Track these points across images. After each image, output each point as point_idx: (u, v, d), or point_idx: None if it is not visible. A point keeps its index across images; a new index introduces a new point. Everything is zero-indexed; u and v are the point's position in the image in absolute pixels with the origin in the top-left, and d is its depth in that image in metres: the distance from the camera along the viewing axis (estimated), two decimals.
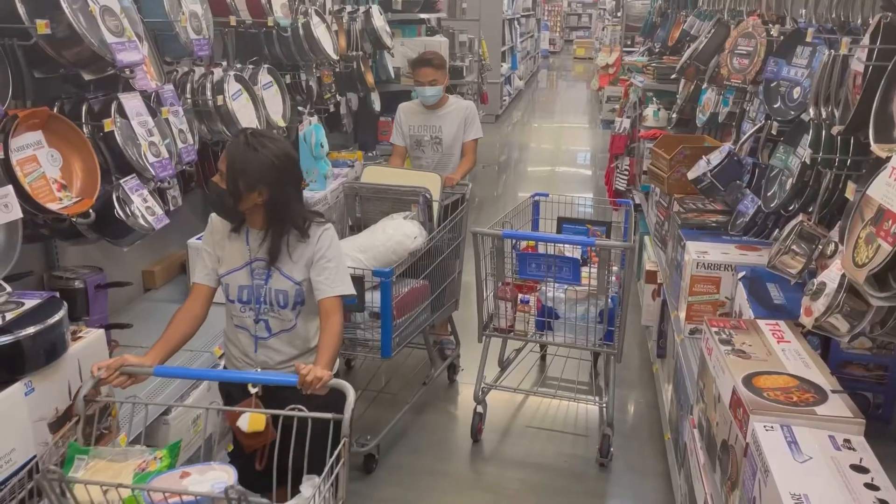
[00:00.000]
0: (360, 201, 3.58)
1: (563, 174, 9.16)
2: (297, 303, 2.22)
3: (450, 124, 4.06)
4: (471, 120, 4.09)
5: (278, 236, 2.18)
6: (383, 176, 3.72)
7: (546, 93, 17.71)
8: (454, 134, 4.05)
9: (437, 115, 4.06)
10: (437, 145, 4.07)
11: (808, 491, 1.37)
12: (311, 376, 1.88)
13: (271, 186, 2.12)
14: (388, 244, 3.20)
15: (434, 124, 4.06)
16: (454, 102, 4.15)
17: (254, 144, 2.10)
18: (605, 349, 3.25)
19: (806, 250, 2.11)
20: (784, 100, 2.59)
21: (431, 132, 4.07)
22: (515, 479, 3.16)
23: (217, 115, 3.23)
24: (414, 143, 4.09)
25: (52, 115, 2.30)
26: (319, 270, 2.20)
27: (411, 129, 4.09)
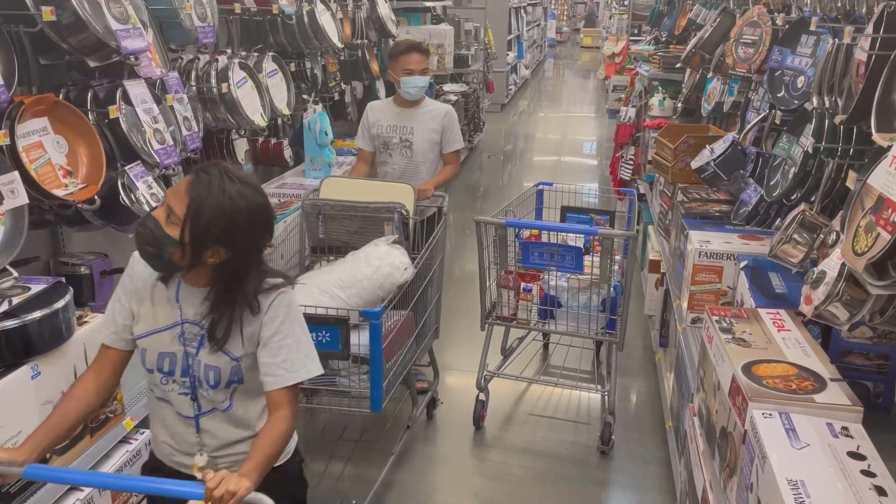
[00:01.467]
0: (323, 220, 3.12)
1: (568, 164, 9.15)
2: (232, 381, 1.71)
3: (423, 127, 3.59)
4: (450, 127, 3.61)
5: (229, 312, 1.67)
6: (345, 189, 3.22)
7: (552, 82, 17.65)
8: (427, 138, 3.59)
9: (411, 114, 3.59)
10: (406, 149, 3.60)
11: (805, 477, 1.38)
12: (220, 490, 1.41)
13: (236, 249, 1.63)
14: (374, 278, 2.79)
15: (405, 125, 3.59)
16: (431, 104, 3.69)
17: (230, 191, 1.59)
18: (608, 338, 3.26)
19: (807, 239, 2.11)
20: (788, 89, 2.59)
21: (402, 133, 3.59)
22: (517, 466, 3.18)
23: (222, 102, 3.24)
24: (381, 144, 3.64)
25: (58, 101, 2.32)
26: (273, 350, 1.67)
27: (379, 128, 3.61)
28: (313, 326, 2.20)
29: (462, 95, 8.24)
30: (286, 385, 1.67)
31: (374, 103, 3.77)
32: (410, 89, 3.51)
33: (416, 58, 3.51)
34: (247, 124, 3.40)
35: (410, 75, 3.49)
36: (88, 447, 2.11)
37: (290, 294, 1.73)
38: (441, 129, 3.59)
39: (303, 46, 4.16)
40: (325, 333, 2.50)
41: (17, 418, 1.83)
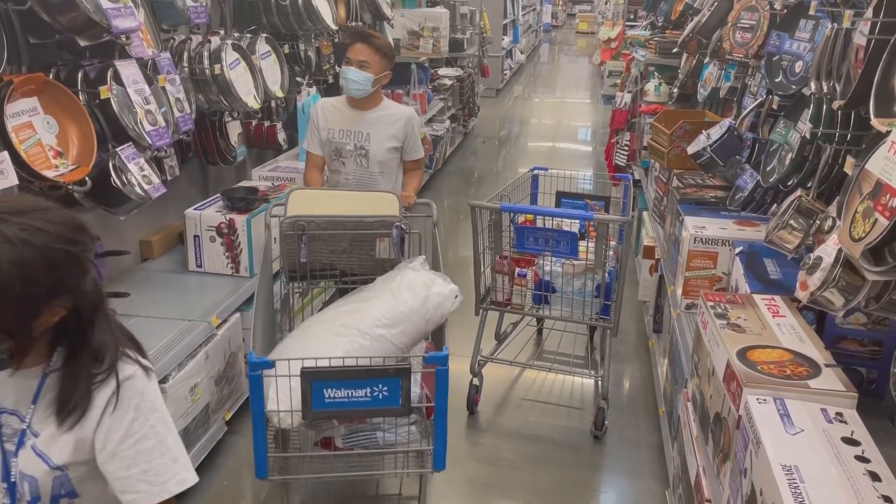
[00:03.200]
0: (305, 241, 2.61)
1: (563, 150, 9.13)
2: (58, 496, 1.31)
3: (381, 133, 3.18)
4: (411, 134, 3.25)
5: (74, 385, 1.27)
6: (318, 202, 2.78)
7: (547, 67, 17.58)
8: (384, 146, 3.19)
9: (366, 118, 3.18)
10: (361, 158, 3.20)
11: (799, 462, 1.38)
12: None
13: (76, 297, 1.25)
14: (422, 311, 2.38)
15: (360, 130, 3.17)
16: (391, 107, 3.27)
17: (9, 234, 1.15)
18: (602, 323, 3.26)
19: (803, 225, 2.10)
20: (786, 74, 2.57)
21: (356, 139, 3.18)
22: (511, 451, 3.18)
23: (214, 84, 3.21)
24: (333, 151, 3.23)
25: (48, 81, 2.29)
26: (127, 461, 1.27)
27: (331, 132, 3.20)
28: (369, 381, 2.09)
29: (457, 80, 8.19)
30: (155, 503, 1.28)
31: (324, 102, 3.29)
32: (345, 81, 3.10)
33: (357, 48, 3.10)
34: (240, 106, 3.37)
35: (347, 65, 3.10)
36: None
37: (141, 379, 1.31)
38: (402, 137, 3.22)
39: (296, 28, 4.12)
40: (383, 387, 2.12)
41: None
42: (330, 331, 2.11)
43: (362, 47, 3.09)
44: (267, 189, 3.61)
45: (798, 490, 1.30)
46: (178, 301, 2.97)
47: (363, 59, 3.06)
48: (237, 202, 3.30)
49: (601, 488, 2.98)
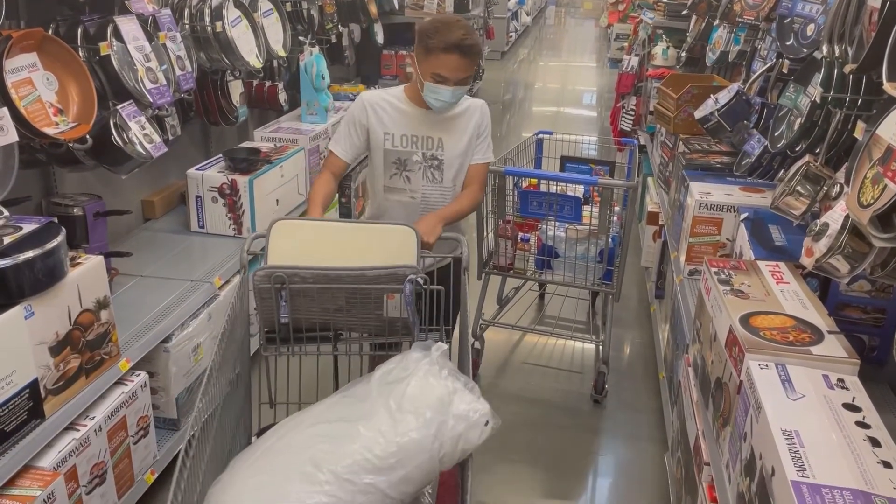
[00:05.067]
0: (285, 297, 1.90)
1: (567, 115, 9.04)
2: None
3: (457, 136, 2.50)
4: (485, 129, 2.58)
5: None
6: (309, 237, 2.06)
7: (553, 30, 17.33)
8: (463, 152, 2.52)
9: (437, 119, 2.48)
10: (433, 171, 2.51)
11: (800, 427, 1.38)
12: None
13: None
14: (434, 447, 1.60)
15: (431, 135, 2.48)
16: (463, 101, 2.52)
17: None
18: (604, 289, 3.26)
19: (810, 191, 2.08)
20: (797, 37, 2.53)
21: (426, 147, 2.48)
22: (511, 413, 3.21)
23: (216, 42, 3.16)
24: (394, 163, 2.51)
25: (47, 36, 2.25)
26: None
27: (389, 139, 2.48)
28: None
29: None
30: None
31: (374, 97, 2.51)
32: (434, 101, 2.39)
33: (455, 63, 2.31)
34: (242, 65, 3.32)
35: (440, 83, 2.33)
36: (84, 388, 2.11)
37: None
38: (476, 132, 2.54)
39: None
40: None
41: (10, 357, 1.83)
42: (294, 469, 1.46)
43: (463, 62, 2.31)
44: (269, 150, 3.58)
45: (798, 454, 1.31)
46: (180, 261, 2.97)
47: (464, 77, 2.35)
48: (239, 163, 3.28)
49: (600, 451, 3.01)
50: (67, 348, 2.02)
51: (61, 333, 1.99)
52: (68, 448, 2.03)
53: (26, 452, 1.90)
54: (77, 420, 2.11)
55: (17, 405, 1.87)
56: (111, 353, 2.22)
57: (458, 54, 2.29)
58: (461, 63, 2.30)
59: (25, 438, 1.91)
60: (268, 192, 3.30)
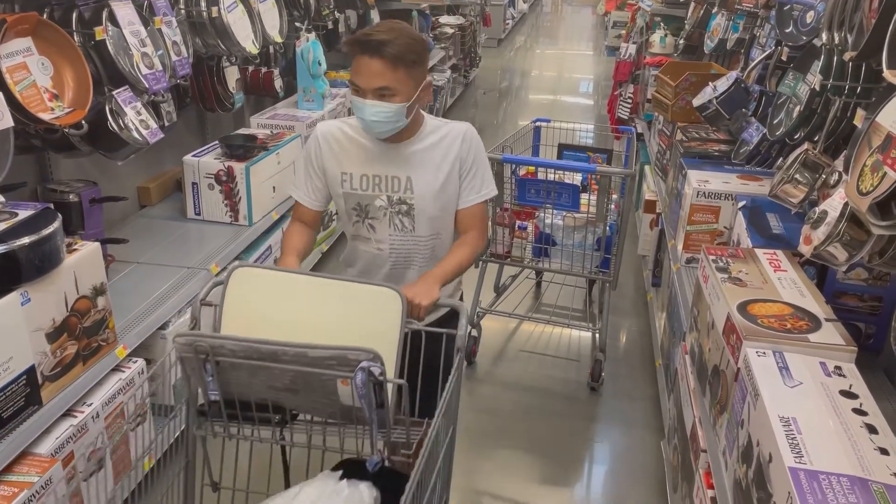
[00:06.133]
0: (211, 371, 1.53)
1: (564, 103, 9.02)
2: None
3: (430, 173, 1.99)
4: (472, 161, 2.02)
5: None
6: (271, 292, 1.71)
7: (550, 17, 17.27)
8: (438, 195, 2.00)
9: (404, 153, 1.99)
10: (402, 218, 2.01)
11: (797, 414, 1.39)
12: None
13: None
14: None
15: (396, 174, 1.98)
16: (438, 127, 2.02)
17: None
18: (601, 277, 3.26)
19: (809, 179, 2.08)
20: (797, 24, 2.52)
21: (391, 188, 2.00)
22: (508, 401, 3.22)
23: (212, 27, 3.14)
24: (353, 209, 2.04)
25: (42, 20, 2.23)
26: None
27: (347, 179, 2.01)
28: None
29: (458, 28, 8.04)
30: None
31: (330, 128, 2.04)
32: (362, 121, 1.89)
33: (364, 66, 1.82)
34: (238, 51, 3.30)
35: (358, 95, 1.85)
36: (81, 375, 2.11)
37: None
38: (460, 169, 2.01)
39: None
40: None
41: (7, 344, 1.82)
42: None
43: (374, 66, 1.80)
44: (265, 137, 3.57)
45: (795, 441, 1.31)
46: (177, 248, 2.96)
47: (382, 86, 1.82)
48: (236, 149, 3.26)
49: (596, 438, 3.02)
50: (64, 335, 2.02)
51: (58, 320, 1.99)
52: (66, 434, 2.03)
53: (24, 439, 1.90)
54: (74, 406, 2.10)
55: (15, 392, 1.87)
56: (108, 339, 2.21)
57: (362, 53, 1.79)
58: (371, 66, 1.79)
59: (23, 425, 1.91)
60: (264, 179, 3.29)
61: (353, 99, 1.87)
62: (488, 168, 2.08)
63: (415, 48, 1.83)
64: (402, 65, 1.80)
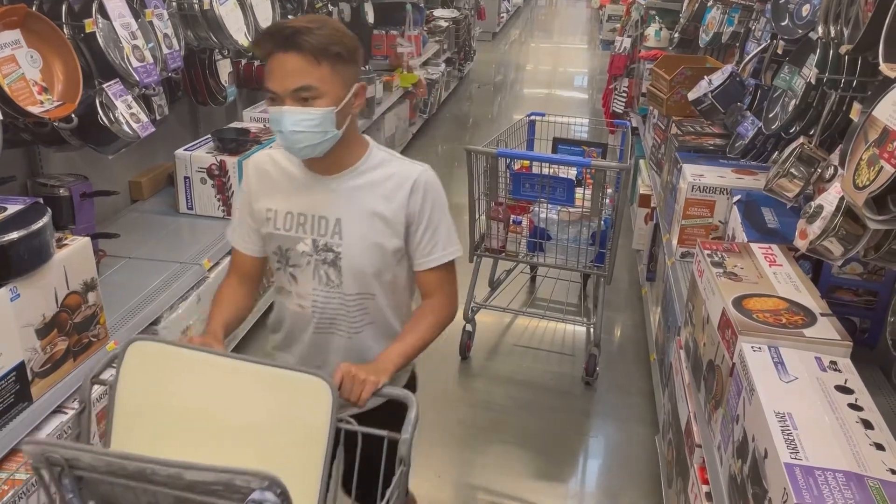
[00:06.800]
0: (71, 486, 1.11)
1: (559, 97, 9.00)
2: None
3: (367, 218, 1.61)
4: (426, 215, 1.64)
5: None
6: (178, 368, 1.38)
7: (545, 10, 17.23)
8: (373, 245, 1.62)
9: (335, 187, 1.62)
10: (327, 268, 1.63)
11: (793, 409, 1.38)
12: None
13: None
14: None
15: (326, 213, 1.62)
16: (385, 163, 1.65)
17: None
18: (596, 271, 3.25)
19: (804, 173, 2.07)
20: (792, 17, 2.50)
21: (317, 231, 1.63)
22: (503, 396, 3.21)
23: (204, 20, 3.11)
24: (275, 252, 1.69)
25: (31, 12, 2.20)
26: None
27: (272, 216, 1.66)
28: None
29: (453, 21, 8.01)
30: None
31: (263, 156, 1.71)
32: (282, 140, 1.53)
33: (278, 63, 1.48)
34: (230, 44, 3.27)
35: (275, 104, 1.50)
36: (71, 371, 2.09)
37: None
38: (405, 222, 1.62)
39: None
40: None
41: None
42: None
43: (292, 59, 1.45)
44: (258, 131, 3.54)
45: (791, 436, 1.30)
46: (168, 243, 2.94)
47: (302, 86, 1.46)
48: (228, 143, 3.24)
49: (591, 432, 3.02)
50: (54, 331, 2.00)
51: (48, 316, 1.96)
52: (56, 431, 2.01)
53: (14, 436, 1.88)
54: (65, 403, 2.08)
55: (4, 388, 1.85)
56: (99, 335, 2.20)
57: (275, 48, 1.45)
58: (287, 62, 1.44)
59: (13, 422, 1.89)
60: None
61: (269, 112, 1.51)
62: (450, 223, 1.68)
63: (341, 40, 1.49)
64: (326, 59, 1.45)
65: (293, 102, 1.47)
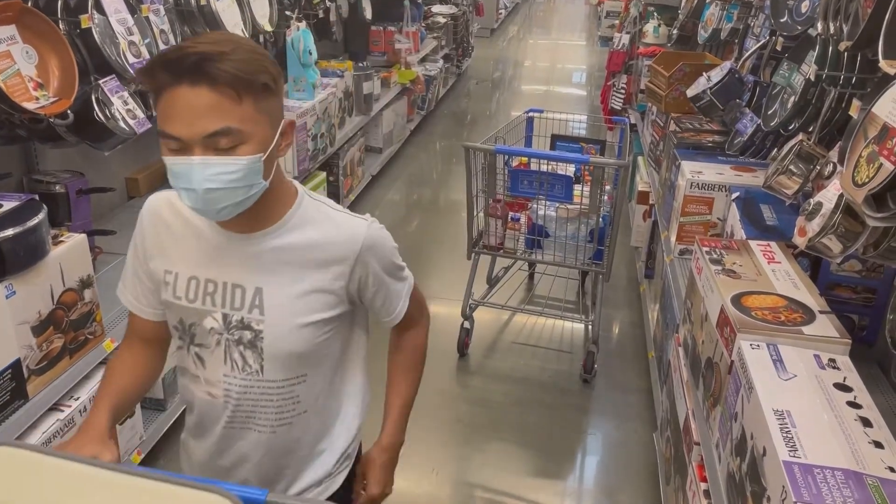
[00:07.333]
0: None
1: (557, 94, 8.99)
2: None
3: (293, 288, 1.28)
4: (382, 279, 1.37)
5: None
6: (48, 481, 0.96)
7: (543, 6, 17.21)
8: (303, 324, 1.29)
9: (253, 249, 1.28)
10: (245, 350, 1.30)
11: (791, 407, 1.38)
12: None
13: None
14: None
15: (242, 281, 1.28)
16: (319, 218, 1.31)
17: None
18: (594, 268, 3.24)
19: (803, 171, 2.07)
20: (791, 14, 2.50)
21: (230, 303, 1.29)
22: (500, 393, 3.21)
23: (200, 16, 3.09)
24: (176, 327, 1.35)
25: (26, 8, 2.18)
26: None
27: (171, 280, 1.32)
28: None
29: (451, 18, 8.00)
30: None
31: (160, 200, 1.37)
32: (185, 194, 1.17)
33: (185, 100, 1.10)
34: None
35: (175, 154, 1.14)
36: (68, 368, 2.08)
37: None
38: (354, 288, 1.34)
39: None
40: None
41: None
42: None
43: (203, 95, 1.10)
44: None
45: (789, 434, 1.30)
46: None
47: (220, 129, 1.12)
48: None
49: (589, 430, 3.01)
50: (51, 328, 1.99)
51: (44, 313, 1.96)
52: (53, 429, 2.01)
53: (10, 434, 1.87)
54: (61, 401, 2.08)
55: (0, 386, 1.84)
56: (95, 332, 2.19)
57: (176, 81, 1.10)
58: (196, 99, 1.09)
59: (9, 419, 1.88)
60: None
61: (169, 164, 1.15)
62: (401, 267, 1.42)
63: (264, 66, 1.15)
64: (250, 93, 1.12)
65: (206, 151, 1.12)
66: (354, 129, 4.78)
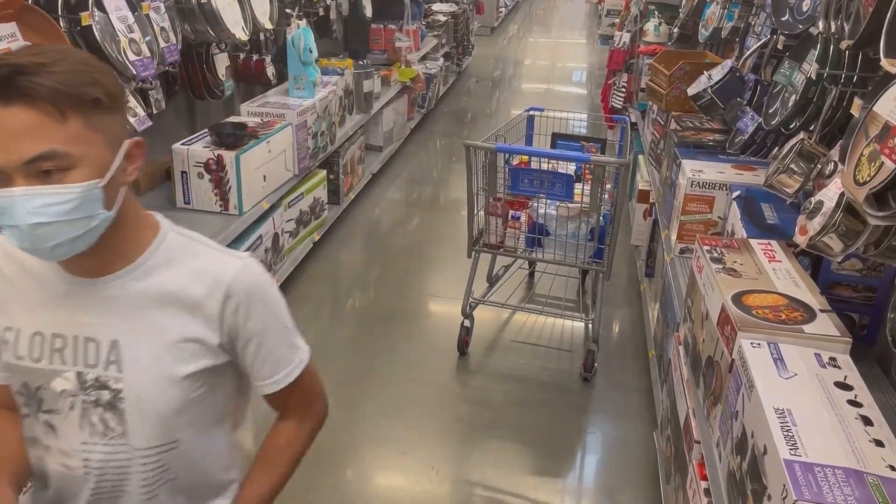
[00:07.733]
0: None
1: (558, 92, 8.99)
2: None
3: (156, 338, 1.13)
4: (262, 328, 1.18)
5: None
6: None
7: (544, 5, 17.21)
8: (171, 379, 1.13)
9: (106, 293, 1.12)
10: (104, 412, 1.14)
11: (792, 406, 1.38)
12: None
13: None
14: None
15: (95, 335, 1.12)
16: (184, 254, 1.18)
17: None
18: (595, 267, 3.24)
19: (804, 169, 2.07)
20: (793, 12, 2.50)
21: (82, 360, 1.13)
22: (500, 392, 3.21)
23: (201, 13, 3.09)
24: (20, 392, 1.17)
25: (27, 5, 2.19)
26: None
27: (12, 338, 1.15)
28: None
29: (451, 16, 7.99)
30: None
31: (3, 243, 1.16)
32: (22, 231, 0.99)
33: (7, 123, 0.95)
34: (227, 38, 3.26)
35: None
36: None
37: None
38: (226, 335, 1.17)
39: None
40: None
41: None
42: None
43: (18, 115, 0.95)
44: (256, 125, 3.53)
45: (790, 433, 1.30)
46: None
47: (42, 153, 0.97)
48: (226, 138, 3.22)
49: (589, 429, 3.01)
50: None
51: None
52: None
53: None
54: None
55: None
56: None
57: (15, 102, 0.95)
58: (11, 120, 0.95)
59: None
60: (255, 168, 3.25)
61: None
62: (288, 321, 1.24)
63: (94, 78, 1.01)
64: (76, 109, 0.98)
65: (28, 180, 0.97)
66: (355, 127, 4.78)
